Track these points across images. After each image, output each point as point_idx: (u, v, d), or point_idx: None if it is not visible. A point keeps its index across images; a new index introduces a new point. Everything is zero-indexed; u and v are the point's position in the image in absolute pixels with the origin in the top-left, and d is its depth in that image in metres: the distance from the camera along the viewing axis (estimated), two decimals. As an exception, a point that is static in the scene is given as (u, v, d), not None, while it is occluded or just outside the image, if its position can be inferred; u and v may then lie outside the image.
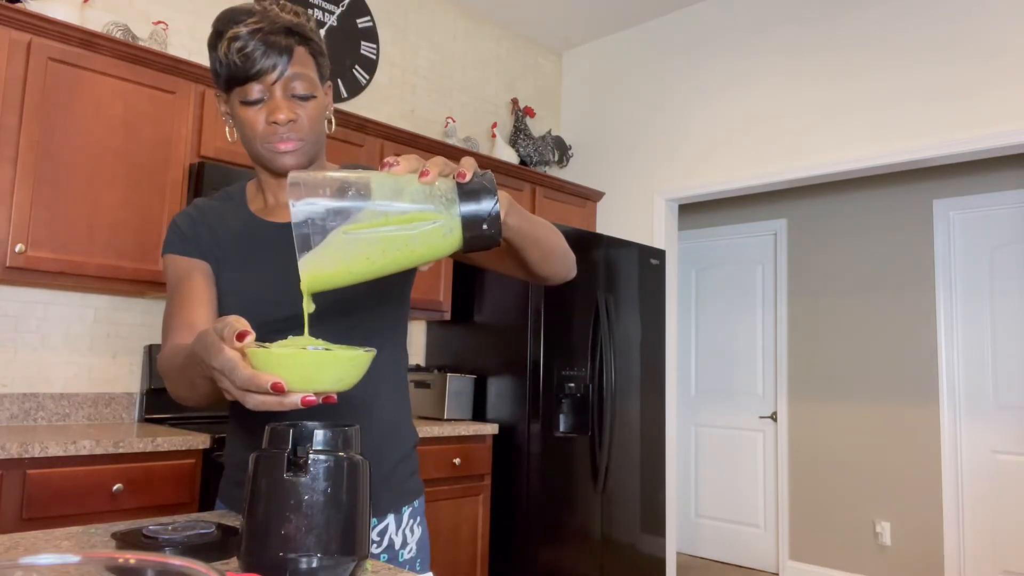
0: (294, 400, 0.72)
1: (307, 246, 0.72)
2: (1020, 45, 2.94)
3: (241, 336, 0.73)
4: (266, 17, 1.00)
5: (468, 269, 3.55)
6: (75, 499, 2.03)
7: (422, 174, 0.73)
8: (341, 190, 0.72)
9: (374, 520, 1.12)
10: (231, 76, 1.01)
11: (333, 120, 1.15)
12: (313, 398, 0.73)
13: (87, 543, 0.90)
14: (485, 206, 0.75)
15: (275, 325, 1.07)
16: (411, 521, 1.16)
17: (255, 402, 0.73)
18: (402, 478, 1.16)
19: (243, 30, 0.98)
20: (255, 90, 1.01)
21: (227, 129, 1.10)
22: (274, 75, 1.01)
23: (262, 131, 1.04)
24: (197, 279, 1.12)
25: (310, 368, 0.70)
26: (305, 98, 1.04)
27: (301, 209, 0.71)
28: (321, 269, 0.73)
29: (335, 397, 0.75)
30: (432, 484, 2.97)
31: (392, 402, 1.17)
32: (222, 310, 1.13)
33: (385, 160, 0.74)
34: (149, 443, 2.16)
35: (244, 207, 1.17)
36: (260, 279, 1.10)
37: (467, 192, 0.75)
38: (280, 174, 1.10)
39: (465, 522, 3.08)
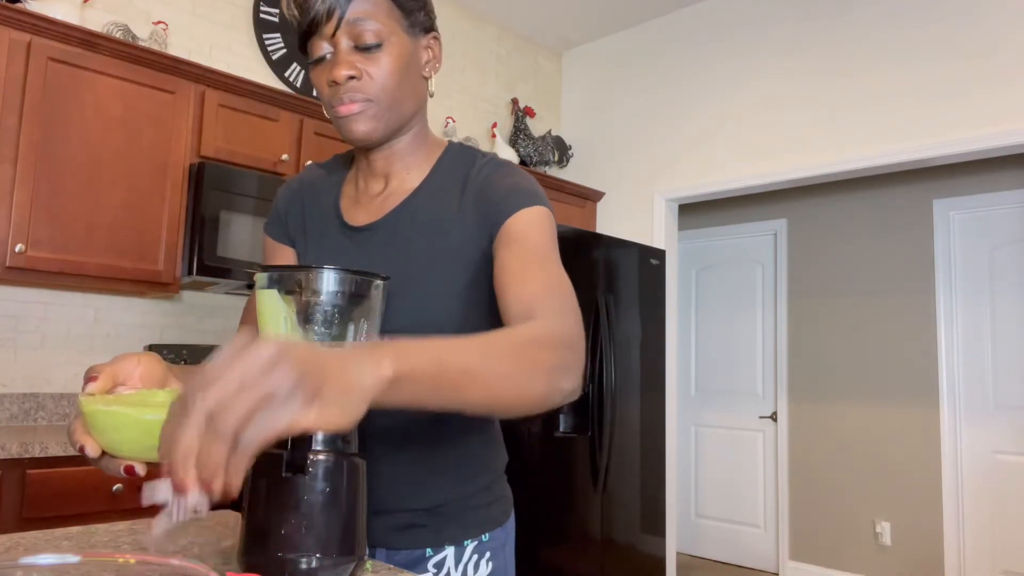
0: (115, 467, 0.62)
1: None
2: (1019, 45, 2.94)
3: (88, 381, 0.66)
4: None
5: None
6: (75, 499, 2.02)
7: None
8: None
9: (429, 550, 0.96)
10: (299, 34, 0.90)
11: (432, 81, 0.99)
12: (138, 468, 0.62)
13: (87, 543, 0.90)
14: None
15: None
16: (475, 556, 0.99)
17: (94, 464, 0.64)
18: (468, 508, 0.99)
19: None
20: (319, 46, 0.88)
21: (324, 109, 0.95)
22: (332, 23, 0.86)
23: (326, 95, 0.90)
24: None
25: (109, 431, 0.60)
26: (371, 48, 0.88)
27: None
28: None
29: (135, 468, 0.62)
30: (432, 484, 2.96)
31: (465, 424, 0.99)
32: None
33: None
34: (149, 443, 2.16)
35: (339, 188, 1.05)
36: None
37: None
38: (359, 147, 0.96)
39: (465, 522, 3.08)
